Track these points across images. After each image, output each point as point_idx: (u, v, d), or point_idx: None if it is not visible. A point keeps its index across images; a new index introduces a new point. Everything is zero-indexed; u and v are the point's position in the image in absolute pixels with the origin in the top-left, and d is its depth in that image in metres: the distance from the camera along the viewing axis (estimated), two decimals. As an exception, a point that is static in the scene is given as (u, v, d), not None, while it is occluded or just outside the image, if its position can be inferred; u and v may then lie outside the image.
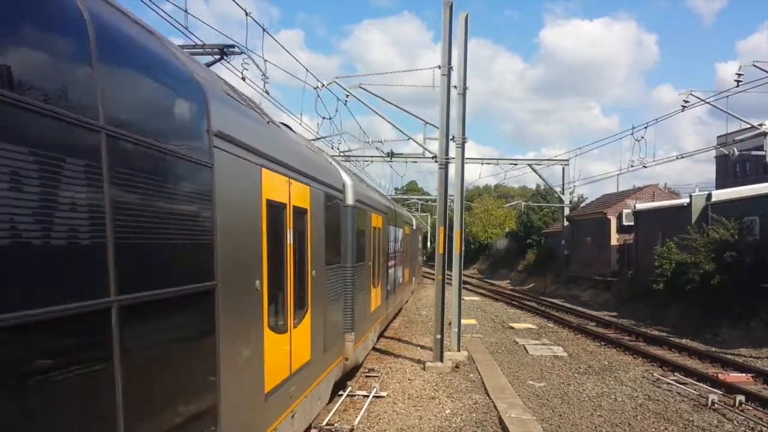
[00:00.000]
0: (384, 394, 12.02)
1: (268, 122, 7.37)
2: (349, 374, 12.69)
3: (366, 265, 14.16)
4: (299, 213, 7.82)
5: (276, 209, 6.79)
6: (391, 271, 20.22)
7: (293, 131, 10.85)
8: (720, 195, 28.61)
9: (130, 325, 3.53)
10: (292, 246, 7.45)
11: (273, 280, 6.58)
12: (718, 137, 49.39)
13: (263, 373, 6.22)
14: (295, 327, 7.56)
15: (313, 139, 14.44)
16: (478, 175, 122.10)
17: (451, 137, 15.51)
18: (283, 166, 7.06)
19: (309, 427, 9.00)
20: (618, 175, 38.79)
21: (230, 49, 7.72)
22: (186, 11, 9.90)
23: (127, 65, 3.86)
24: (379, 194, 20.12)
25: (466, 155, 16.06)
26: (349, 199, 11.96)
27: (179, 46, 6.20)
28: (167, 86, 4.50)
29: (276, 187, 6.77)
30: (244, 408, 5.67)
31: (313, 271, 8.59)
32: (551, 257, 49.35)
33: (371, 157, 32.98)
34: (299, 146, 8.99)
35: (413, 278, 34.58)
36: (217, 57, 8.07)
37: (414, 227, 35.91)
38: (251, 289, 5.91)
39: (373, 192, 17.62)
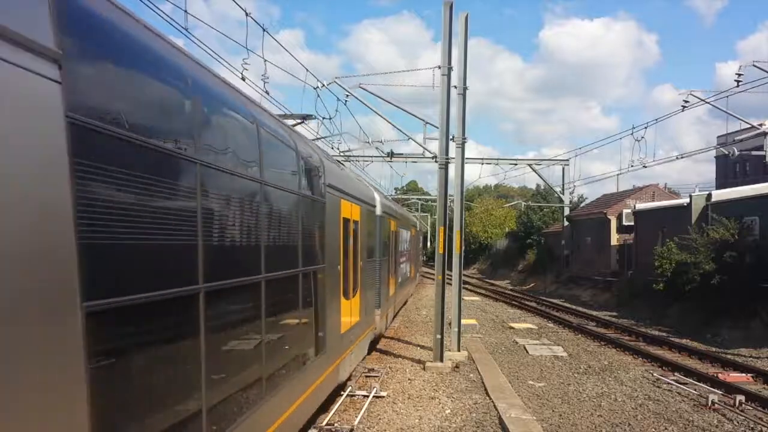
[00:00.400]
0: (384, 394, 12.03)
1: (342, 169, 11.97)
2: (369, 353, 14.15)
3: (388, 259, 18.53)
4: (355, 223, 11.93)
5: (345, 222, 10.87)
6: (401, 266, 24.46)
7: (344, 166, 15.86)
8: (720, 195, 28.63)
9: (304, 280, 7.76)
10: (352, 245, 11.63)
11: (344, 265, 10.72)
12: (718, 137, 49.43)
13: (341, 321, 10.35)
14: (353, 297, 11.72)
15: (313, 139, 14.64)
16: (478, 175, 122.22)
17: (451, 137, 15.51)
18: (349, 195, 11.32)
19: (309, 426, 9.06)
20: (618, 175, 38.77)
21: (309, 116, 11.45)
22: (186, 11, 9.93)
23: (308, 164, 8.32)
24: (393, 203, 24.42)
25: (466, 155, 16.06)
26: (378, 211, 15.84)
27: (279, 116, 9.72)
28: (317, 168, 8.81)
29: (346, 208, 10.98)
30: (333, 340, 9.58)
31: (361, 262, 12.78)
32: (551, 257, 49.36)
33: (371, 157, 32.97)
34: (353, 179, 14.14)
35: (417, 274, 39.03)
36: (299, 121, 11.20)
37: (417, 228, 40.26)
38: (336, 270, 9.92)
39: (390, 202, 22.35)
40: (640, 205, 36.84)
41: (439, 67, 15.36)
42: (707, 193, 29.13)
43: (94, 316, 3.16)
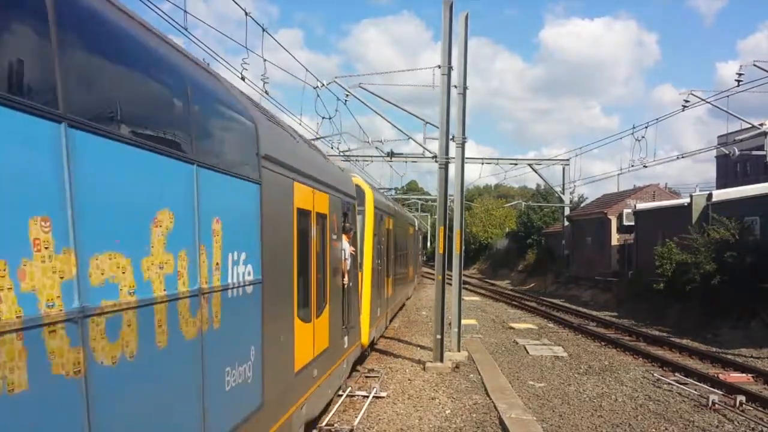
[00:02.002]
0: (384, 394, 12.00)
1: (410, 211, 46.40)
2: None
3: (417, 253, 39.26)
4: (411, 235, 30.65)
5: (410, 236, 30.44)
6: (419, 257, 45.78)
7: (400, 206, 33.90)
8: (720, 195, 28.59)
9: (407, 255, 28.15)
10: (411, 245, 31.53)
11: (412, 254, 31.54)
12: (719, 137, 49.32)
13: (410, 272, 30.62)
14: (408, 268, 28.70)
15: (313, 139, 14.65)
16: (478, 174, 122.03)
17: (451, 137, 15.48)
18: (411, 224, 32.22)
19: (312, 426, 9.06)
20: (618, 174, 38.78)
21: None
22: (185, 11, 9.92)
23: (404, 213, 32.01)
24: (416, 219, 42.72)
25: (466, 155, 16.04)
26: (416, 227, 37.40)
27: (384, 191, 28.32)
28: (405, 213, 32.73)
29: (411, 229, 31.73)
30: (411, 277, 31.96)
31: (411, 252, 30.27)
32: (551, 257, 49.31)
33: (371, 156, 33.00)
34: (409, 214, 36.19)
35: (421, 266, 52.07)
36: (390, 190, 26.87)
37: (420, 229, 54.51)
38: (406, 254, 27.03)
39: (416, 219, 43.25)
40: (641, 205, 36.81)
41: (439, 67, 15.33)
42: (708, 192, 29.09)
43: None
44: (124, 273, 3.43)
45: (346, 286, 10.72)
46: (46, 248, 2.78)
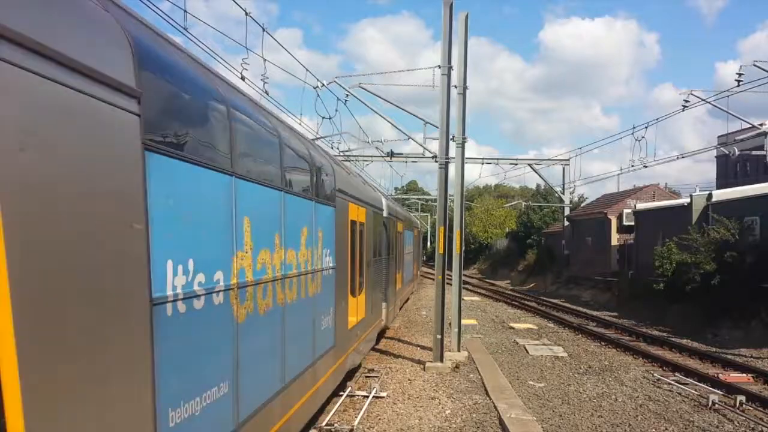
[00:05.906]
0: (384, 394, 12.00)
1: (417, 217, 51.07)
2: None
3: (419, 251, 45.66)
4: (418, 237, 39.72)
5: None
6: (421, 257, 50.85)
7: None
8: (720, 195, 28.59)
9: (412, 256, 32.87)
10: (418, 246, 42.92)
11: (415, 252, 35.67)
12: (719, 137, 49.33)
13: (414, 268, 35.30)
14: (416, 265, 38.56)
15: (313, 139, 14.65)
16: (478, 174, 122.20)
17: (451, 137, 15.48)
18: (414, 228, 36.44)
19: (309, 426, 9.06)
20: (618, 174, 38.84)
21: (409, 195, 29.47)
22: (185, 10, 9.91)
23: (411, 219, 35.24)
24: (410, 215, 38.92)
25: (466, 155, 16.04)
26: (420, 229, 47.43)
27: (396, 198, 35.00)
28: (410, 217, 34.63)
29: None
30: (414, 274, 35.04)
31: (414, 251, 33.90)
32: (551, 257, 49.28)
33: (371, 156, 32.98)
34: (417, 217, 44.44)
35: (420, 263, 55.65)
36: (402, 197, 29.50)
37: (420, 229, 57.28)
38: (412, 255, 31.94)
39: (419, 221, 51.08)
40: (641, 205, 36.81)
41: (439, 67, 15.31)
42: (708, 192, 29.09)
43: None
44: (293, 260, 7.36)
45: None
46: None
